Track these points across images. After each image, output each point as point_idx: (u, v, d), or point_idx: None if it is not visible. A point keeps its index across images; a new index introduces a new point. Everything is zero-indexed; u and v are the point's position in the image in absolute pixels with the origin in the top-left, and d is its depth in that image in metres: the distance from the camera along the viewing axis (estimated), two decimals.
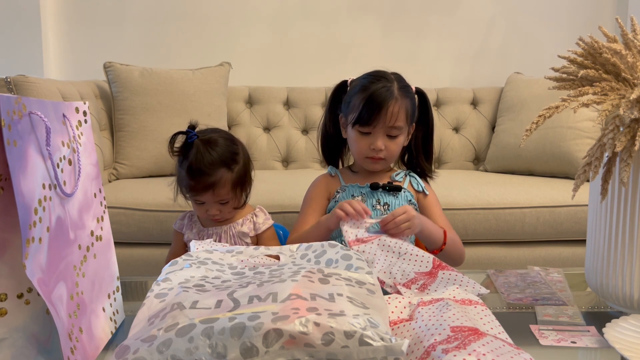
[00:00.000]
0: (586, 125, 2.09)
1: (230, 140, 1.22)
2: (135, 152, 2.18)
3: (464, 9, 2.71)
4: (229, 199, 1.19)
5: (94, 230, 0.73)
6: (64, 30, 2.62)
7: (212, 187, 1.16)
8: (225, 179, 1.17)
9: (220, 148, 1.17)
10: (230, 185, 1.18)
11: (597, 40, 0.82)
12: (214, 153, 1.16)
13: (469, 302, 0.77)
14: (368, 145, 1.20)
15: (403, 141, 1.23)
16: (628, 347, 0.67)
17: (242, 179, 1.21)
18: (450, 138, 2.46)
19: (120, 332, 0.76)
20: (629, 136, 0.75)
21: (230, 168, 1.17)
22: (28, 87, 1.84)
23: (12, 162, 0.53)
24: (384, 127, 1.18)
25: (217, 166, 1.16)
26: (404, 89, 1.21)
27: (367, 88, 1.18)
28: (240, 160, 1.20)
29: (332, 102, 1.29)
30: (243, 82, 2.51)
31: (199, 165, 1.15)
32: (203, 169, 1.15)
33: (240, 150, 1.22)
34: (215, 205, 1.19)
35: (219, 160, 1.16)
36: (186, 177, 1.17)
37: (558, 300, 0.88)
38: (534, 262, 1.82)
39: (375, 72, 1.23)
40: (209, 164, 1.15)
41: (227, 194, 1.18)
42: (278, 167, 2.45)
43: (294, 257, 0.81)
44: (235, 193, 1.20)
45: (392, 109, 1.16)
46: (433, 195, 1.29)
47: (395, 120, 1.17)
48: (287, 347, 0.52)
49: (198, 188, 1.17)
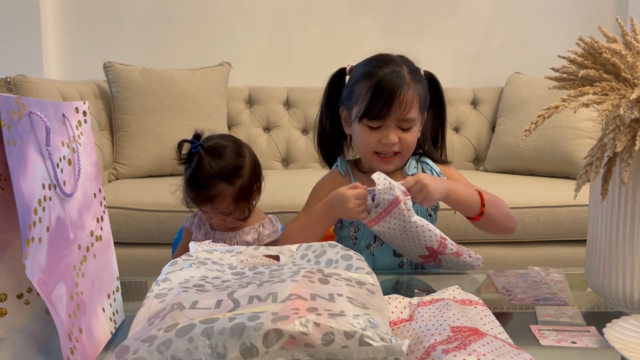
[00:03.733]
0: (586, 125, 2.09)
1: (237, 152, 1.16)
2: (135, 152, 2.18)
3: (464, 9, 2.71)
4: (230, 211, 1.16)
5: (94, 230, 0.73)
6: (64, 30, 2.62)
7: (211, 200, 1.13)
8: (225, 193, 1.13)
9: (223, 160, 1.13)
10: (232, 200, 1.14)
11: (597, 40, 0.82)
12: (215, 166, 1.11)
13: (469, 302, 0.77)
14: (377, 139, 1.05)
15: (418, 132, 1.09)
16: (628, 347, 0.67)
17: (246, 193, 1.16)
18: (451, 138, 2.46)
19: (120, 332, 0.76)
20: (630, 136, 0.75)
21: (231, 182, 1.13)
22: (28, 87, 1.84)
23: (12, 162, 0.53)
24: (395, 120, 1.03)
25: (217, 180, 1.12)
26: (415, 72, 1.06)
27: (373, 74, 1.04)
28: (245, 174, 1.15)
29: (330, 94, 1.17)
30: (243, 82, 2.51)
31: (198, 178, 1.12)
32: (202, 182, 1.12)
33: (247, 163, 1.17)
34: (218, 216, 1.17)
35: (219, 174, 1.12)
36: (187, 187, 1.15)
37: (560, 301, 0.88)
38: (534, 262, 1.82)
39: (379, 56, 1.09)
40: (208, 177, 1.11)
41: (227, 207, 1.15)
42: (278, 167, 2.45)
43: (294, 257, 0.81)
44: (237, 206, 1.16)
45: (406, 98, 1.01)
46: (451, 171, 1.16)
47: (409, 110, 1.02)
48: (287, 347, 0.52)
49: (197, 200, 1.15)
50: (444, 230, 1.05)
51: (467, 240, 1.79)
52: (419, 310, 0.73)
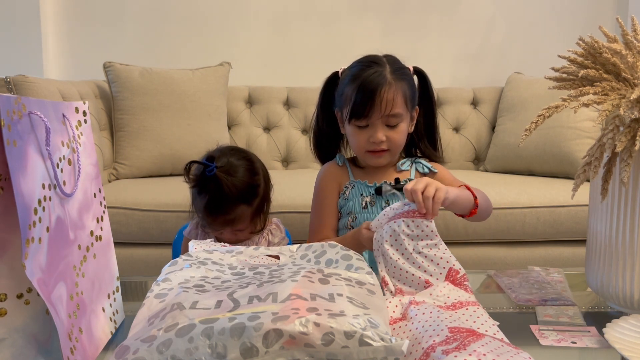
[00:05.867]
0: (586, 125, 2.09)
1: (251, 170, 1.13)
2: (135, 152, 2.18)
3: (464, 8, 2.71)
4: (245, 227, 1.15)
5: (94, 230, 0.73)
6: (63, 30, 2.62)
7: (231, 223, 1.11)
8: (245, 214, 1.11)
9: (240, 182, 1.09)
10: (250, 218, 1.13)
11: (597, 40, 0.82)
12: (234, 189, 1.07)
13: (460, 305, 0.75)
14: (367, 138, 1.11)
15: (406, 129, 1.14)
16: (628, 347, 0.67)
17: (262, 208, 1.15)
18: (451, 138, 2.46)
19: (120, 332, 0.76)
20: (629, 136, 0.75)
21: (250, 203, 1.11)
22: (28, 87, 1.84)
23: (11, 162, 0.53)
24: (381, 117, 1.09)
25: (237, 203, 1.09)
26: (398, 71, 1.11)
27: (357, 77, 1.10)
28: (261, 191, 1.13)
29: (324, 97, 1.21)
30: (243, 82, 2.51)
31: (218, 204, 1.08)
32: (222, 208, 1.08)
33: (262, 180, 1.14)
34: (231, 232, 1.15)
35: (238, 197, 1.08)
36: (203, 212, 1.10)
37: (566, 301, 0.88)
38: (534, 262, 1.82)
39: (365, 58, 1.14)
40: (228, 202, 1.08)
41: (246, 226, 1.14)
42: (278, 167, 2.45)
43: (294, 257, 0.81)
44: (253, 222, 1.15)
45: (387, 96, 1.07)
46: (443, 170, 1.19)
47: (392, 107, 1.07)
48: (287, 347, 0.52)
49: (216, 223, 1.12)
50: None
51: (468, 241, 1.80)
52: (411, 308, 0.72)
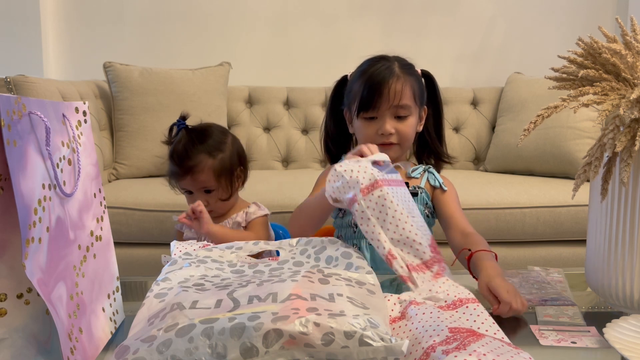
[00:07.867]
0: (586, 125, 2.09)
1: (222, 132, 1.24)
2: (135, 152, 2.18)
3: (464, 9, 2.71)
4: (211, 187, 1.20)
5: (94, 230, 0.73)
6: (63, 30, 2.62)
7: (191, 170, 1.18)
8: (205, 164, 1.18)
9: (206, 136, 1.20)
10: (212, 172, 1.19)
11: (597, 41, 0.82)
12: (197, 140, 1.19)
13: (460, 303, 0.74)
14: (375, 130, 1.10)
15: (415, 123, 1.14)
16: (628, 347, 0.67)
17: (228, 169, 1.21)
18: (451, 138, 2.46)
19: (120, 332, 0.76)
20: (629, 136, 0.75)
21: (212, 155, 1.19)
22: (28, 87, 1.84)
23: (11, 162, 0.53)
24: (389, 109, 1.09)
25: (198, 151, 1.19)
26: (406, 67, 1.13)
27: (366, 71, 1.11)
28: (227, 150, 1.22)
29: (334, 100, 1.23)
30: (243, 82, 2.51)
31: (180, 149, 1.19)
32: (183, 153, 1.18)
33: (230, 142, 1.24)
34: (201, 195, 1.20)
35: (200, 146, 1.19)
36: (169, 163, 1.21)
37: (566, 301, 0.88)
38: (534, 262, 1.82)
39: (373, 56, 1.17)
40: (189, 147, 1.18)
41: (208, 180, 1.19)
42: (278, 167, 2.45)
43: (294, 252, 0.81)
44: (219, 183, 1.20)
45: (395, 87, 1.08)
46: (452, 191, 1.18)
47: (400, 98, 1.08)
48: (287, 347, 0.52)
49: (179, 173, 1.20)
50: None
51: None
52: (411, 308, 0.71)
